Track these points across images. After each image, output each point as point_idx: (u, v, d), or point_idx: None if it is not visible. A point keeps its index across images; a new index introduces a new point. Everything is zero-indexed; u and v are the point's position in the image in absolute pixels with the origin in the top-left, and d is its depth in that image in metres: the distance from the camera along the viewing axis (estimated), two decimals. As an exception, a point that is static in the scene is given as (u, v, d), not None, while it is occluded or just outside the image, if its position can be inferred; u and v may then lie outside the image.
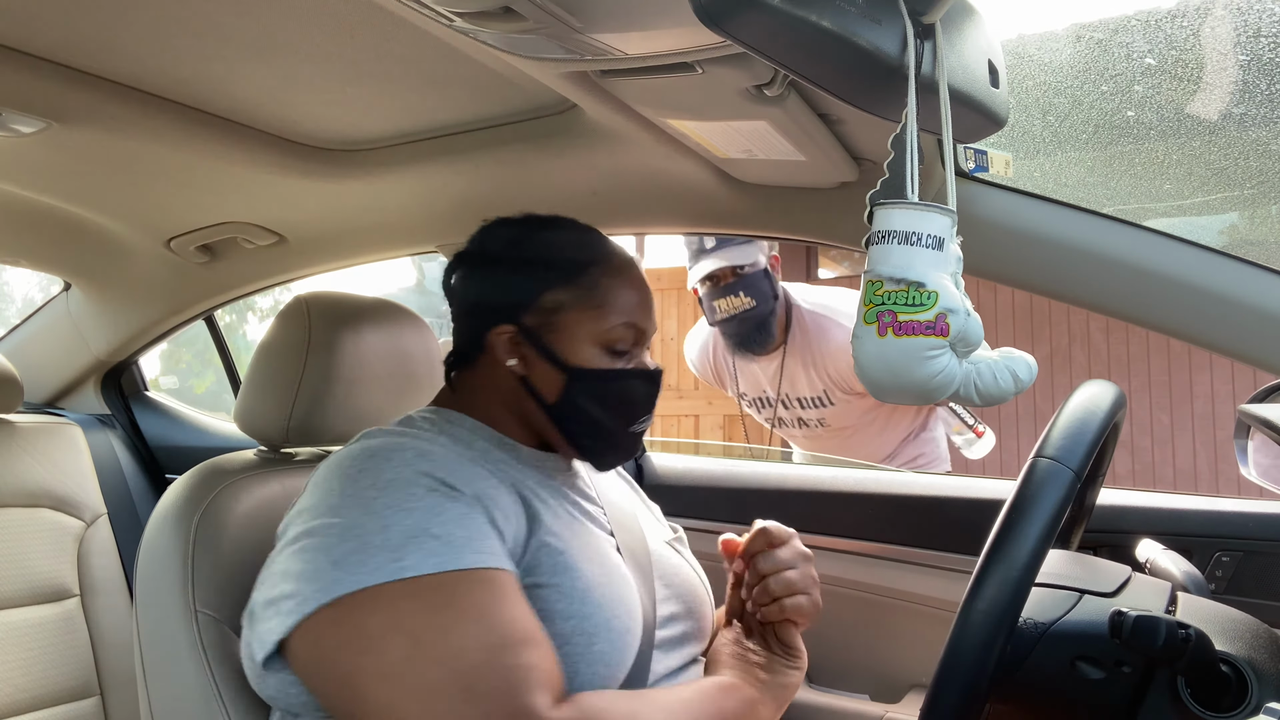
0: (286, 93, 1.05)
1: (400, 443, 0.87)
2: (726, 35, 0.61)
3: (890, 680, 1.45)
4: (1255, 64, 1.73)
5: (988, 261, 1.07)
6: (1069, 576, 0.80)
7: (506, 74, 0.91)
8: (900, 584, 1.44)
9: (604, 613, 0.84)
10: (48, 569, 1.55)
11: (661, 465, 1.73)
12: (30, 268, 1.83)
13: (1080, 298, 1.03)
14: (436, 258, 1.58)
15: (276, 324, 1.11)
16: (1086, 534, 1.01)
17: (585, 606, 0.83)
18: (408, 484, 0.81)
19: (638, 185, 1.24)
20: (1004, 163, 1.14)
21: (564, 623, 0.82)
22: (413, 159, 1.21)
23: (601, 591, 0.86)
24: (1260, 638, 0.72)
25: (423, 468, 0.82)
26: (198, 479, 1.03)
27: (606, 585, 0.87)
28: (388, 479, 0.81)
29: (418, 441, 0.87)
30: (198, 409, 2.17)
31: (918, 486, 1.48)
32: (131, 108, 1.03)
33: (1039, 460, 0.71)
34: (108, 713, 1.56)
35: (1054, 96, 2.21)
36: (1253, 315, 0.93)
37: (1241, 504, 1.23)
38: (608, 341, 0.96)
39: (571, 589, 0.84)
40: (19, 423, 1.66)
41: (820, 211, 1.19)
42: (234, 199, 1.41)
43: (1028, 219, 1.04)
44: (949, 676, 0.66)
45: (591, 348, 0.96)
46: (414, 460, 0.83)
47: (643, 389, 0.98)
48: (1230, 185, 2.44)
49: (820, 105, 0.93)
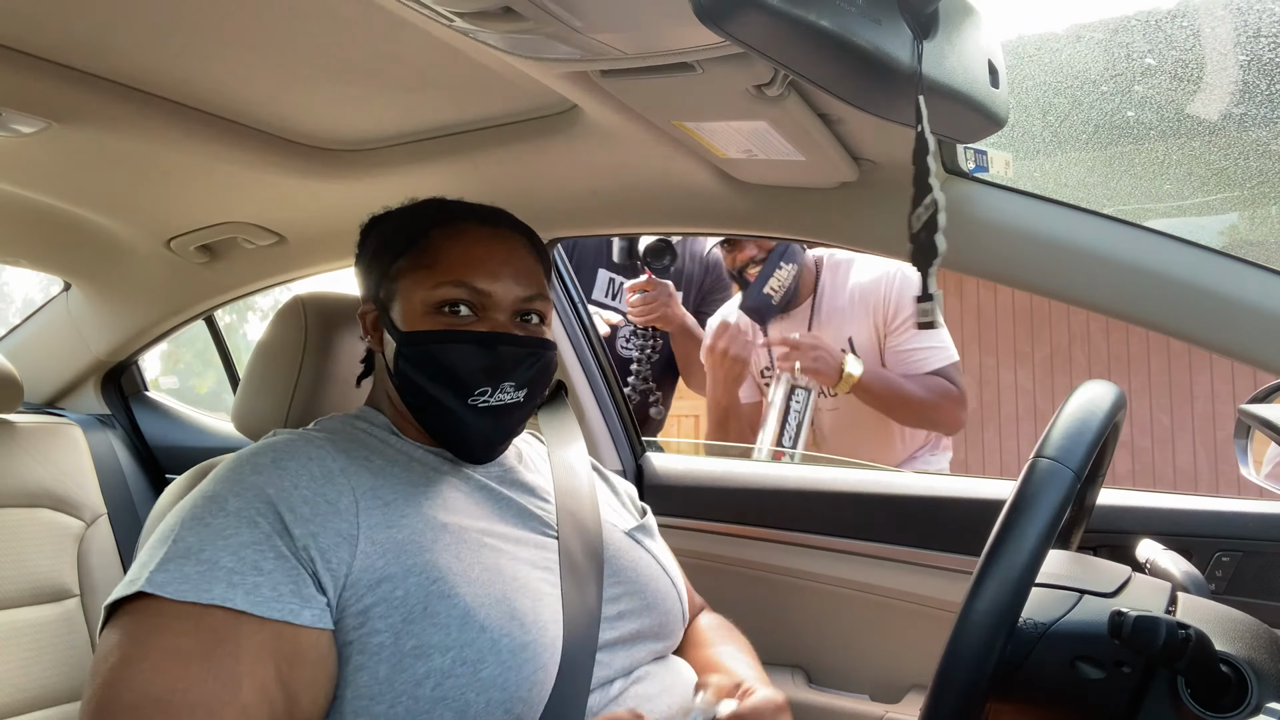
0: (286, 93, 1.05)
1: (257, 451, 0.85)
2: (726, 35, 0.61)
3: (890, 680, 1.45)
4: (1255, 64, 1.73)
5: (988, 261, 1.07)
6: (1069, 576, 0.80)
7: (506, 74, 0.91)
8: (900, 584, 1.44)
9: (489, 634, 0.79)
10: (48, 569, 1.55)
11: (661, 465, 1.73)
12: (30, 268, 1.83)
13: (1080, 298, 1.03)
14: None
15: (273, 324, 1.11)
16: (1086, 534, 1.01)
17: (465, 633, 0.78)
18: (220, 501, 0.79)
19: (638, 185, 1.24)
20: (1004, 163, 1.14)
21: (442, 656, 0.77)
22: (413, 159, 1.21)
23: (486, 612, 0.80)
24: (1260, 638, 0.72)
25: (265, 490, 0.80)
26: (195, 479, 1.03)
27: (492, 605, 0.81)
28: (217, 494, 0.80)
29: (281, 452, 0.84)
30: (199, 409, 2.18)
31: (918, 487, 1.48)
32: (131, 108, 1.03)
33: (1039, 460, 0.71)
34: (107, 713, 1.56)
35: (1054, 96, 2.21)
36: (1253, 315, 0.93)
37: (1241, 504, 1.23)
38: (436, 301, 0.90)
39: (448, 618, 0.78)
40: (19, 423, 1.66)
41: (820, 211, 1.19)
42: (234, 199, 1.41)
43: (1028, 219, 1.03)
44: (949, 676, 0.66)
45: (423, 311, 0.90)
46: (266, 470, 0.81)
47: (475, 353, 0.89)
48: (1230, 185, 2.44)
49: (820, 105, 0.93)
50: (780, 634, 1.55)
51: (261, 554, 0.76)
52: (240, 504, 0.78)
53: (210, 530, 0.76)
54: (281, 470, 0.82)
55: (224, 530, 0.76)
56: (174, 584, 0.73)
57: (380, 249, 0.97)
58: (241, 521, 0.77)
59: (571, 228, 1.45)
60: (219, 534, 0.76)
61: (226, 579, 0.73)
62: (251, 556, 0.75)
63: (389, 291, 0.94)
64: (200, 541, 0.75)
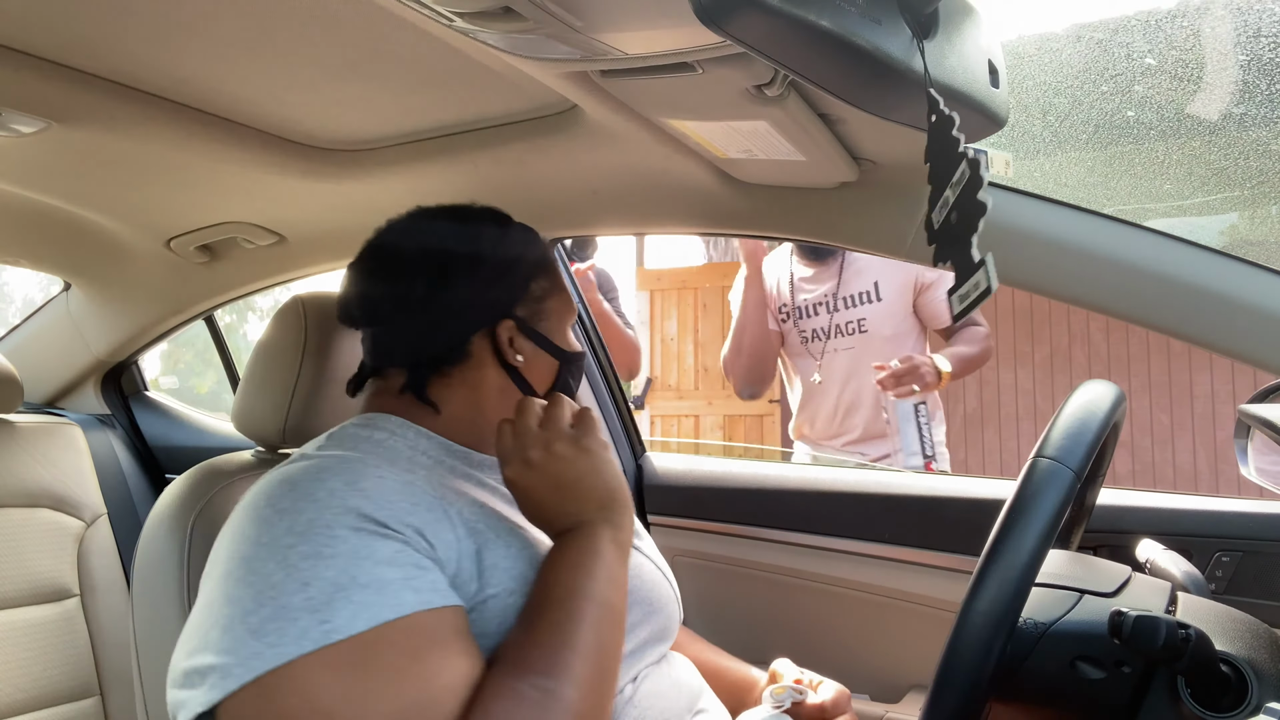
0: (286, 93, 1.05)
1: (326, 466, 0.78)
2: (726, 35, 0.61)
3: (890, 680, 1.45)
4: (1255, 64, 1.73)
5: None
6: (1069, 576, 0.80)
7: (506, 74, 0.91)
8: (900, 584, 1.44)
9: None
10: (48, 569, 1.55)
11: (661, 465, 1.73)
12: (30, 268, 1.83)
13: (1080, 298, 1.03)
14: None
15: (273, 324, 1.11)
16: (1086, 534, 1.01)
17: None
18: (329, 526, 0.71)
19: (638, 185, 1.24)
20: (1004, 163, 1.14)
21: None
22: (413, 159, 1.21)
23: None
24: (1260, 638, 0.72)
25: (350, 502, 0.74)
26: (195, 480, 1.03)
27: None
28: (307, 520, 0.72)
29: (347, 464, 0.79)
30: (199, 409, 2.18)
31: (918, 487, 1.48)
32: (131, 108, 1.03)
33: (1039, 460, 0.71)
34: (108, 713, 1.56)
35: (1054, 96, 2.21)
36: (1253, 315, 0.93)
37: (1241, 504, 1.23)
38: (571, 324, 1.00)
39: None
40: (19, 423, 1.66)
41: (820, 211, 1.19)
42: (234, 199, 1.41)
43: (1028, 219, 1.03)
44: (949, 676, 0.66)
45: (568, 331, 0.99)
46: (341, 492, 0.74)
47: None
48: (1230, 185, 2.45)
49: (820, 105, 0.93)
50: (780, 634, 1.55)
51: (409, 557, 0.73)
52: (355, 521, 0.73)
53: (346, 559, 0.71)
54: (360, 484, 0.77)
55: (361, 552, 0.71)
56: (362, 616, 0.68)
57: (508, 266, 0.95)
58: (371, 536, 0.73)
59: (571, 228, 1.45)
60: (360, 558, 0.71)
61: (405, 586, 0.71)
62: (403, 560, 0.72)
63: (533, 311, 0.96)
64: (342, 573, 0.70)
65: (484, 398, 0.93)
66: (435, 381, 0.93)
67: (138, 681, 0.97)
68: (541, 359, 0.95)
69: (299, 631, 0.67)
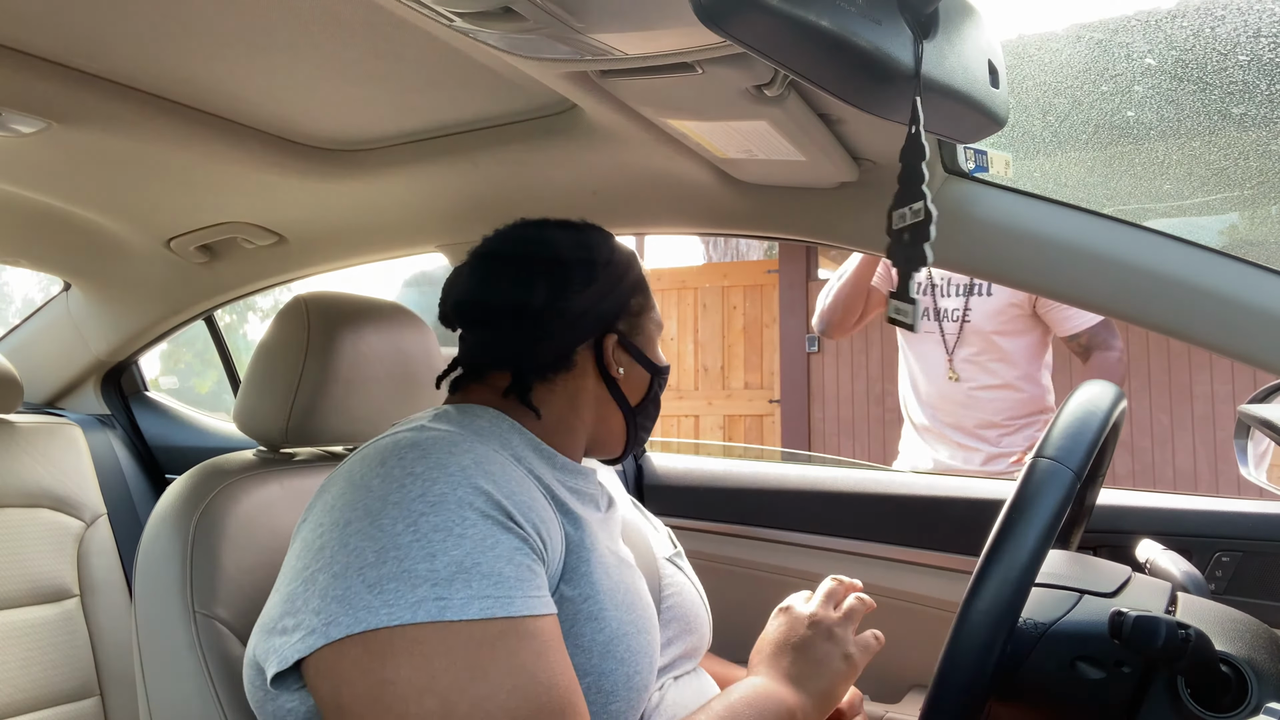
0: (286, 93, 1.05)
1: (456, 442, 0.76)
2: (726, 35, 0.61)
3: (890, 680, 1.45)
4: (1255, 64, 1.73)
5: (988, 261, 1.07)
6: (1069, 576, 0.80)
7: (506, 74, 0.91)
8: (900, 584, 1.44)
9: (626, 668, 0.77)
10: (47, 569, 1.55)
11: (661, 465, 1.73)
12: (30, 268, 1.83)
13: (1080, 298, 1.03)
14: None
15: (275, 324, 1.11)
16: (1086, 534, 1.01)
17: (606, 662, 0.76)
18: (461, 505, 0.70)
19: (638, 185, 1.24)
20: (1004, 163, 1.14)
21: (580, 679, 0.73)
22: (413, 159, 1.21)
23: (627, 644, 0.78)
24: (1260, 638, 0.72)
25: (480, 483, 0.72)
26: (196, 479, 1.03)
27: (634, 635, 0.79)
28: (439, 493, 0.70)
29: (472, 445, 0.77)
30: (199, 409, 2.18)
31: (918, 486, 1.48)
32: (131, 108, 1.03)
33: (1039, 460, 0.71)
34: (108, 713, 1.56)
35: (1054, 96, 2.21)
36: (1253, 315, 0.93)
37: (1241, 504, 1.23)
38: (659, 339, 1.02)
39: (592, 642, 0.76)
40: (19, 423, 1.66)
41: (820, 211, 1.19)
42: (234, 199, 1.41)
43: (1028, 219, 1.03)
44: (949, 676, 0.66)
45: (658, 346, 1.01)
46: (471, 471, 0.73)
47: None
48: (1230, 185, 2.45)
49: (820, 105, 0.93)
50: (780, 634, 1.55)
51: (526, 559, 0.72)
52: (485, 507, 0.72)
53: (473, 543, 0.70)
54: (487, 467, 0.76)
55: (487, 541, 0.71)
56: (478, 603, 0.67)
57: (617, 280, 0.96)
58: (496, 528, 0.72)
59: (571, 228, 1.45)
60: (485, 547, 0.70)
61: (518, 588, 0.70)
62: (520, 559, 0.72)
63: (632, 326, 0.97)
64: (467, 556, 0.69)
65: (581, 405, 0.95)
66: (539, 387, 0.93)
67: (140, 682, 0.97)
68: (636, 372, 0.97)
69: (416, 599, 0.65)
